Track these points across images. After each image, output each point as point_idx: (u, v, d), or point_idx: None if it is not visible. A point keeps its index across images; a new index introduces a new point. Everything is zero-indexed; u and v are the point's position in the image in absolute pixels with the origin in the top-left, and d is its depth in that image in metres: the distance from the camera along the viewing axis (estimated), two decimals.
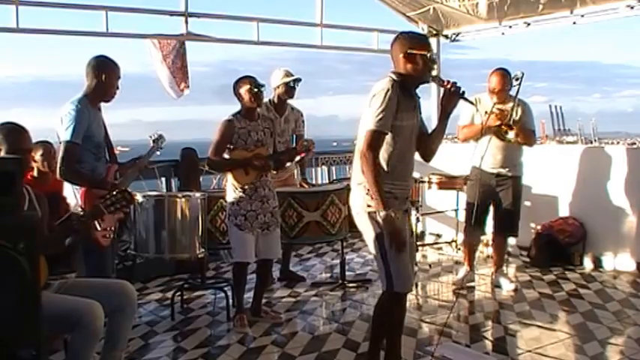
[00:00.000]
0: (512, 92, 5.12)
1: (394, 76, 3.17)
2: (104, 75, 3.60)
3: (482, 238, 5.91)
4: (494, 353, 3.86)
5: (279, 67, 5.31)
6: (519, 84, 5.04)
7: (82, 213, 3.14)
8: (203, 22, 6.62)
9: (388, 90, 3.08)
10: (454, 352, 3.84)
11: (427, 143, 3.35)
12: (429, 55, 3.18)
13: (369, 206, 3.14)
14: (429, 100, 8.56)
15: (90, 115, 3.57)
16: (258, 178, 4.36)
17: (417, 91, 3.30)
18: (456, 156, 5.82)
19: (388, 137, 3.11)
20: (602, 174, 6.01)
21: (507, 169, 5.13)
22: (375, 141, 3.08)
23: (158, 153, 4.32)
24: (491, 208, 5.30)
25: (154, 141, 4.23)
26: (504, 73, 5.11)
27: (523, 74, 5.03)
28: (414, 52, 3.15)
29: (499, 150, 5.07)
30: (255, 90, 4.34)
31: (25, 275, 2.11)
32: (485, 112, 5.08)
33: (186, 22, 6.42)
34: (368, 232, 3.19)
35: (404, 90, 3.15)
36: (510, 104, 5.04)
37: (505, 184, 5.18)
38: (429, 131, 3.39)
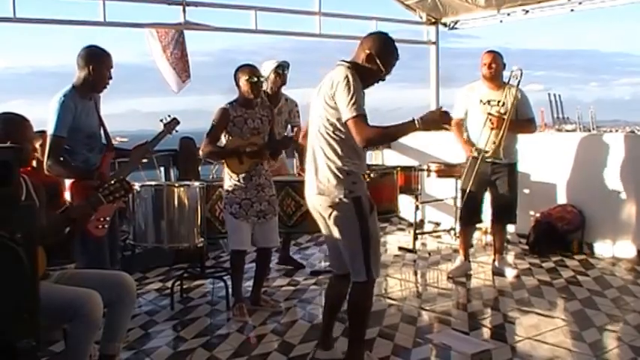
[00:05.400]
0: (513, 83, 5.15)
1: (348, 64, 3.19)
2: (93, 66, 3.51)
3: (481, 226, 5.93)
4: (493, 340, 3.87)
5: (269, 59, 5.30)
6: (518, 81, 5.09)
7: (83, 203, 3.11)
8: (201, 11, 6.61)
9: (347, 76, 3.07)
10: (453, 340, 3.86)
11: None
12: (385, 71, 3.21)
13: (351, 192, 3.13)
14: (427, 89, 8.60)
15: (77, 107, 3.50)
16: (254, 167, 4.35)
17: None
18: (455, 144, 5.82)
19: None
20: (601, 162, 6.02)
21: (503, 157, 5.11)
22: (366, 125, 3.05)
23: (170, 135, 4.05)
24: (488, 196, 5.30)
25: (165, 125, 4.00)
26: (496, 53, 5.16)
27: (521, 71, 5.10)
28: (378, 60, 3.18)
29: (495, 137, 5.06)
30: (255, 80, 4.29)
31: (23, 266, 2.10)
32: (480, 101, 5.10)
33: (184, 10, 6.41)
34: (350, 221, 3.15)
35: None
36: (503, 91, 5.08)
37: (501, 171, 5.18)
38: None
